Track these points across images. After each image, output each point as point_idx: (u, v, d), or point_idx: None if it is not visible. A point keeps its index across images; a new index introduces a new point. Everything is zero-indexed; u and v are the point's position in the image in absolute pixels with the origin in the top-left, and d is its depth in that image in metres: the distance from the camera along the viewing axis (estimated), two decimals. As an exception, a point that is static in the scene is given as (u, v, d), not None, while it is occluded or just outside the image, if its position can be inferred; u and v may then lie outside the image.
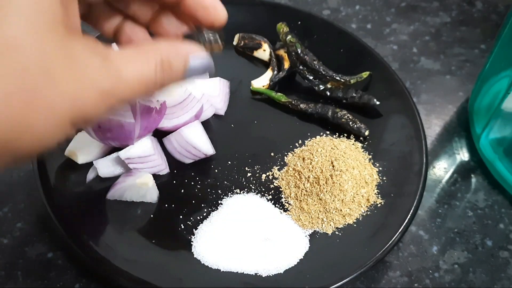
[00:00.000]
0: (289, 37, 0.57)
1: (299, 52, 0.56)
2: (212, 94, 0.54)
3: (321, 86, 0.56)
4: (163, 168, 0.50)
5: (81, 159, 0.49)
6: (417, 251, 0.49)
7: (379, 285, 0.46)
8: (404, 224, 0.45)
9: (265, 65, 0.60)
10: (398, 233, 0.44)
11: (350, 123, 0.53)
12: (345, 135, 0.54)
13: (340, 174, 0.48)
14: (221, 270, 0.44)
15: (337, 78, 0.55)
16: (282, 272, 0.44)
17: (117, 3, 0.35)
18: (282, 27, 0.58)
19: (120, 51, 0.29)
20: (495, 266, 0.48)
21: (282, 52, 0.59)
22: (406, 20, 0.69)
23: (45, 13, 0.25)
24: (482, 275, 0.47)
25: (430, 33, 0.68)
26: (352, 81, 0.55)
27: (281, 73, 0.58)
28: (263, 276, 0.44)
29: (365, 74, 0.56)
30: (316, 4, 0.70)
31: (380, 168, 0.51)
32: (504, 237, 0.50)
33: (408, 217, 0.45)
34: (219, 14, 0.34)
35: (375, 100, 0.54)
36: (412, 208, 0.46)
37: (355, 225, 0.47)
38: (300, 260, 0.45)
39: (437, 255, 0.49)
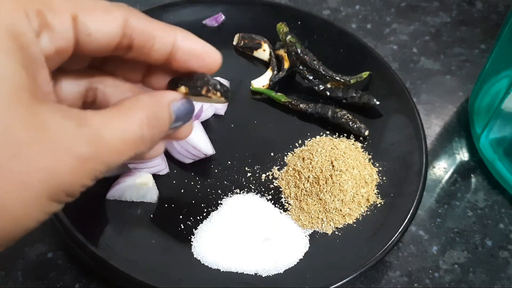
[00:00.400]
0: (289, 37, 0.57)
1: (299, 52, 0.56)
2: None
3: (321, 86, 0.56)
4: (163, 168, 0.50)
5: None
6: (417, 251, 0.49)
7: (379, 285, 0.46)
8: (404, 224, 0.45)
9: (265, 65, 0.60)
10: (398, 233, 0.44)
11: (350, 123, 0.53)
12: (345, 135, 0.54)
13: (340, 174, 0.48)
14: (221, 270, 0.44)
15: (337, 78, 0.55)
16: (282, 272, 0.44)
17: (105, 66, 0.32)
18: (282, 27, 0.58)
19: (99, 112, 0.26)
20: (495, 266, 0.48)
21: (282, 52, 0.59)
22: (406, 20, 0.69)
23: (4, 82, 0.23)
24: (482, 275, 0.47)
25: (430, 33, 0.68)
26: (352, 81, 0.55)
27: (281, 73, 0.58)
28: (263, 276, 0.44)
29: (365, 74, 0.56)
30: (316, 4, 0.70)
31: (380, 168, 0.51)
32: (504, 237, 0.50)
33: (408, 217, 0.45)
34: (214, 59, 0.31)
35: (375, 100, 0.54)
36: (412, 208, 0.46)
37: (355, 225, 0.47)
38: (300, 260, 0.45)
39: (437, 255, 0.49)
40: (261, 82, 0.57)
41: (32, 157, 0.23)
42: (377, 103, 0.54)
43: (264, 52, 0.59)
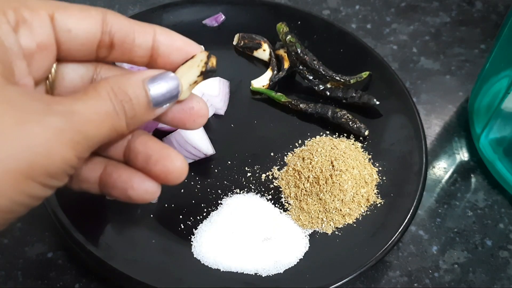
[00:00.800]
0: (289, 37, 0.57)
1: (299, 52, 0.56)
2: (212, 94, 0.54)
3: (321, 86, 0.56)
4: None
5: None
6: (417, 251, 0.49)
7: (379, 285, 0.46)
8: (404, 224, 0.45)
9: (265, 65, 0.60)
10: (398, 233, 0.44)
11: (350, 123, 0.53)
12: (345, 135, 0.54)
13: (340, 174, 0.48)
14: (221, 270, 0.44)
15: (337, 78, 0.55)
16: (282, 272, 0.44)
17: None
18: (282, 27, 0.58)
19: (70, 95, 0.27)
20: (495, 266, 0.48)
21: (282, 52, 0.59)
22: (406, 20, 0.69)
23: None
24: (482, 275, 0.48)
25: (430, 33, 0.68)
26: (352, 81, 0.55)
27: (281, 73, 0.58)
28: (263, 276, 0.44)
29: (365, 74, 0.56)
30: (316, 4, 0.70)
31: (380, 168, 0.51)
32: (504, 237, 0.50)
33: (408, 217, 0.45)
34: (194, 49, 0.31)
35: (375, 100, 0.54)
36: (412, 208, 0.46)
37: (355, 225, 0.47)
38: (300, 260, 0.45)
39: (437, 255, 0.49)
40: (261, 82, 0.57)
41: (0, 131, 0.22)
42: (377, 103, 0.54)
43: (264, 52, 0.59)
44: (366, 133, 0.53)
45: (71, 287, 0.45)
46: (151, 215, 0.47)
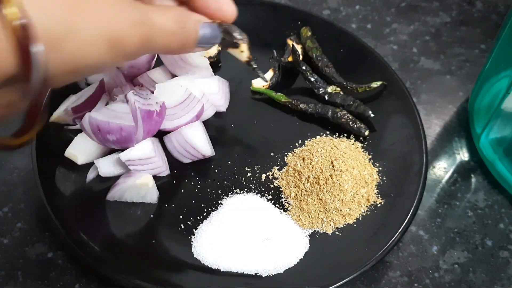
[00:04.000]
0: (308, 41, 0.58)
1: (314, 57, 0.57)
2: (212, 92, 0.54)
3: (321, 89, 0.56)
4: (164, 169, 0.50)
5: (81, 160, 0.49)
6: (417, 251, 0.49)
7: (379, 285, 0.46)
8: (404, 224, 0.45)
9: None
10: (398, 233, 0.44)
11: (350, 123, 0.53)
12: (345, 135, 0.54)
13: (340, 174, 0.48)
14: (221, 270, 0.44)
15: (345, 84, 0.56)
16: (282, 272, 0.44)
17: None
18: (305, 31, 0.59)
19: (146, 4, 0.33)
20: (495, 266, 0.48)
21: (299, 48, 0.59)
22: (406, 20, 0.69)
23: None
24: (482, 275, 0.48)
25: (430, 33, 0.68)
26: (359, 90, 0.55)
27: (278, 72, 0.58)
28: (263, 276, 0.44)
29: (375, 84, 0.56)
30: (316, 4, 0.70)
31: (380, 168, 0.51)
32: (504, 237, 0.50)
33: (408, 217, 0.45)
34: (229, 7, 0.39)
35: (370, 112, 0.53)
36: (412, 208, 0.46)
37: (355, 225, 0.47)
38: (300, 260, 0.45)
39: (437, 255, 0.49)
40: (261, 82, 0.57)
41: (100, 4, 0.29)
42: (372, 115, 0.53)
43: (241, 53, 0.59)
44: (367, 133, 0.53)
45: (71, 287, 0.45)
46: (151, 215, 0.47)
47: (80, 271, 0.46)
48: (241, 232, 0.46)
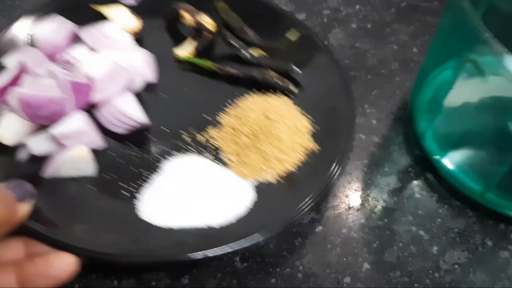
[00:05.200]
0: (221, 4, 0.60)
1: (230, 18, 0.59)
2: (137, 64, 0.54)
3: (244, 52, 0.57)
4: (99, 142, 0.49)
5: (8, 140, 0.47)
6: (417, 251, 0.49)
7: (379, 285, 0.46)
8: (337, 160, 0.48)
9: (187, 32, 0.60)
10: (334, 166, 0.47)
11: (279, 81, 0.55)
12: (275, 93, 0.56)
13: (276, 125, 0.50)
14: (174, 229, 0.44)
15: (265, 44, 0.58)
16: (235, 222, 0.45)
17: None
18: (221, 5, 0.60)
19: None
20: (495, 266, 0.48)
21: (203, 19, 0.59)
22: (406, 20, 0.69)
23: None
24: (482, 275, 0.47)
25: (430, 33, 0.68)
26: (279, 45, 0.57)
27: (205, 40, 0.59)
28: (217, 228, 0.45)
29: (292, 36, 0.57)
30: (316, 4, 0.70)
31: (312, 119, 0.53)
32: (504, 237, 0.50)
33: (341, 154, 0.48)
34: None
35: (295, 68, 0.56)
36: (343, 147, 0.49)
37: (296, 171, 0.49)
38: (250, 209, 0.46)
39: (437, 255, 0.48)
40: (184, 50, 0.58)
41: None
42: (299, 72, 0.56)
43: (185, 20, 0.59)
44: (296, 90, 0.55)
45: (71, 287, 0.45)
46: (94, 188, 0.47)
47: (80, 271, 0.46)
48: (187, 190, 0.46)
